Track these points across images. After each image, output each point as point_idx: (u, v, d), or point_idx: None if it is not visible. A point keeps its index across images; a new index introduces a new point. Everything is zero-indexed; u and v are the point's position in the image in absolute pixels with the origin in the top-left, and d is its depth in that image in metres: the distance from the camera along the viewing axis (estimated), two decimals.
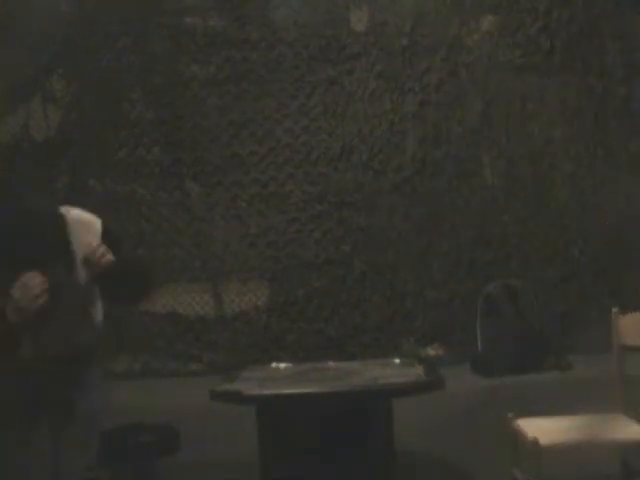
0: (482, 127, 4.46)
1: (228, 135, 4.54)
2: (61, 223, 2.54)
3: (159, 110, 4.60)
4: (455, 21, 4.48)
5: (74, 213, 2.61)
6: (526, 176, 4.44)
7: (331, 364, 3.40)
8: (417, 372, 3.01)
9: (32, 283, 2.34)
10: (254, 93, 4.53)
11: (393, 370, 3.08)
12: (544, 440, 2.80)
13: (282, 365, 3.38)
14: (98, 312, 2.65)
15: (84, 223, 2.60)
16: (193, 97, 4.57)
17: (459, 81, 4.47)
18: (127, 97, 4.63)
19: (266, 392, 2.79)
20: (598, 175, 4.42)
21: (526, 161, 4.44)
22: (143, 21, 4.61)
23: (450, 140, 4.46)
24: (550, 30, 4.43)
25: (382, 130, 4.48)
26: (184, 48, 4.59)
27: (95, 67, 4.62)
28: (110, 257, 2.48)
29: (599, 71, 4.43)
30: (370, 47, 4.50)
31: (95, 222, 2.64)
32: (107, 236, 2.60)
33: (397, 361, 3.30)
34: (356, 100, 4.51)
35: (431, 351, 4.29)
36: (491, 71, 4.46)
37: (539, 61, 4.44)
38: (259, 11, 4.57)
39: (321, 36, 4.52)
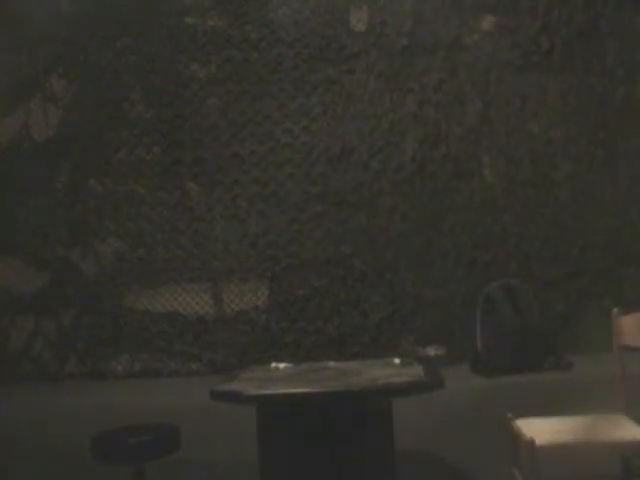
0: (482, 127, 4.46)
1: (228, 135, 4.55)
2: None
3: (159, 110, 4.60)
4: (455, 21, 4.49)
5: None
6: (526, 176, 4.44)
7: (331, 364, 3.39)
8: (417, 372, 3.00)
9: None
10: (254, 93, 4.54)
11: (393, 370, 3.08)
12: (540, 440, 2.80)
13: (282, 365, 3.37)
14: None
15: None
16: (193, 97, 4.58)
17: (459, 81, 4.48)
18: (127, 97, 4.63)
19: (266, 392, 2.78)
20: (598, 175, 4.42)
21: (526, 161, 4.44)
22: (143, 21, 4.62)
23: (450, 140, 4.46)
24: (550, 30, 4.43)
25: (382, 130, 4.49)
26: (184, 48, 4.60)
27: (95, 67, 4.63)
28: None
29: (599, 71, 4.43)
30: (370, 47, 4.51)
31: None
32: None
33: (397, 361, 3.29)
34: (356, 100, 4.52)
35: (431, 351, 4.29)
36: (491, 71, 4.46)
37: (539, 61, 4.45)
38: (259, 11, 4.58)
39: (321, 36, 4.52)
